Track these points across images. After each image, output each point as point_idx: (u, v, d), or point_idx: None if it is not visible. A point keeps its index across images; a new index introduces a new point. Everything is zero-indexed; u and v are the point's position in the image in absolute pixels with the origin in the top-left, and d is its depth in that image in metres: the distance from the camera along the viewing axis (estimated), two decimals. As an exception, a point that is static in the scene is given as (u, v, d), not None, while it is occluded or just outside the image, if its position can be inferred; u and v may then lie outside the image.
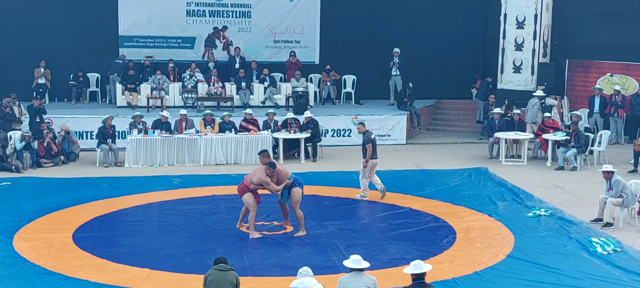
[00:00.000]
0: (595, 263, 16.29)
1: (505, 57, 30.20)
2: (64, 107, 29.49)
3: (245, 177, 17.97)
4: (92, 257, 16.49)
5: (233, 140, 25.63)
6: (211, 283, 12.34)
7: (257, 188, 17.83)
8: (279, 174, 17.89)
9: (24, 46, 30.27)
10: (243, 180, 17.96)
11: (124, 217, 19.47)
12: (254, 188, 17.78)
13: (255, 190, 17.85)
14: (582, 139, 25.02)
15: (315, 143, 26.37)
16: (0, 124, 25.92)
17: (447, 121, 32.49)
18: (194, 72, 30.06)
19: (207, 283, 12.37)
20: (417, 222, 19.13)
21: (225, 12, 32.04)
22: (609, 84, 29.46)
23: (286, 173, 18.05)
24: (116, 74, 30.00)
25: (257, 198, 17.89)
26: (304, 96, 29.35)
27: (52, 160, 25.04)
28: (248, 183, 17.76)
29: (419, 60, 32.27)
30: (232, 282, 12.43)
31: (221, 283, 12.34)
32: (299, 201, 18.04)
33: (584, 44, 30.55)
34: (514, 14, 29.77)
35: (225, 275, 12.43)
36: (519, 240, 17.70)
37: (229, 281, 12.40)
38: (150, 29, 31.63)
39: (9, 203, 20.48)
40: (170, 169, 24.63)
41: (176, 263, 16.19)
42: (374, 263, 15.07)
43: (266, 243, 17.49)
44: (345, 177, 23.63)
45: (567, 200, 21.38)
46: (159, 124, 25.66)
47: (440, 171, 24.65)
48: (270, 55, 32.57)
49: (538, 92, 28.02)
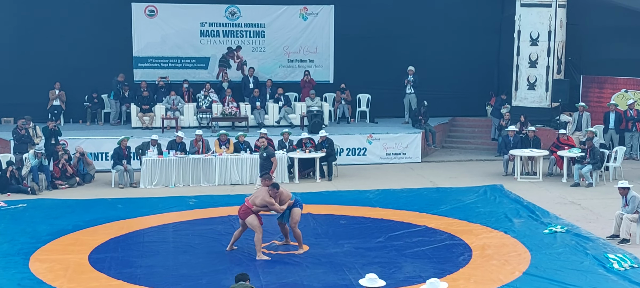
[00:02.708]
0: (612, 279, 16.22)
1: (519, 74, 30.15)
2: (79, 128, 29.57)
3: (247, 199, 17.98)
4: (108, 279, 16.50)
5: (248, 160, 25.62)
6: None
7: (259, 210, 17.85)
8: (281, 195, 17.98)
9: (38, 68, 30.36)
10: (244, 202, 17.96)
11: (140, 238, 19.50)
12: (256, 210, 17.80)
13: (257, 212, 17.86)
14: (598, 155, 24.95)
15: (331, 162, 26.36)
16: (16, 146, 26.03)
17: (462, 138, 32.43)
18: (208, 93, 30.13)
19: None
20: (432, 240, 19.08)
21: (239, 32, 32.11)
22: (624, 100, 29.37)
23: (288, 194, 18.22)
24: (108, 95, 30.38)
25: (259, 220, 17.90)
26: (319, 115, 29.37)
27: (68, 181, 25.10)
28: (250, 205, 17.76)
29: (434, 78, 32.23)
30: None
31: None
32: (298, 221, 18.18)
33: (598, 60, 30.48)
34: (527, 31, 29.73)
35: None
36: (536, 257, 17.64)
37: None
38: (164, 50, 31.72)
39: (25, 224, 20.54)
40: (186, 190, 24.66)
41: (192, 283, 16.19)
42: (390, 281, 15.06)
43: (281, 263, 17.48)
44: (361, 196, 23.61)
45: (583, 216, 21.30)
46: (174, 145, 25.70)
47: (456, 189, 24.60)
48: (285, 75, 32.59)
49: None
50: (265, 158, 20.90)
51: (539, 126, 28.58)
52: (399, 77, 31.38)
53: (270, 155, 21.01)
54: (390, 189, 24.57)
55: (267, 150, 20.97)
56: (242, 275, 12.64)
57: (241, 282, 12.49)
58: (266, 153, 20.84)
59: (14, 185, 24.15)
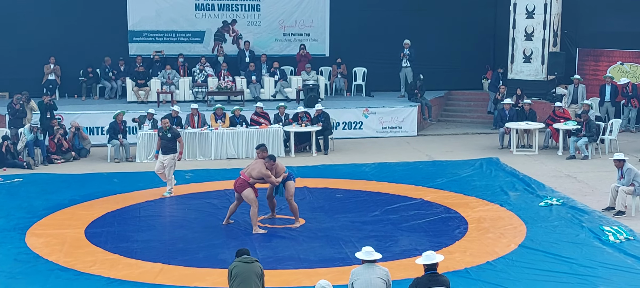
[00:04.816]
0: (608, 251, 16.27)
1: (515, 47, 30.09)
2: (74, 103, 29.51)
3: (242, 172, 17.93)
4: (104, 253, 16.53)
5: (244, 134, 25.63)
6: (237, 276, 12.19)
7: (255, 182, 17.84)
8: (277, 167, 17.98)
9: (33, 43, 30.27)
10: (239, 175, 17.94)
11: (136, 212, 19.50)
12: (253, 182, 17.78)
13: (253, 185, 17.85)
14: (593, 128, 24.96)
15: (327, 136, 26.35)
16: (11, 120, 25.99)
17: (457, 112, 32.43)
18: (203, 67, 30.07)
19: (233, 276, 12.22)
20: (428, 213, 19.12)
21: (234, 6, 32.02)
22: (620, 72, 29.38)
23: (283, 167, 18.23)
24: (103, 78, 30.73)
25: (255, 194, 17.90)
26: (315, 89, 29.32)
27: (63, 156, 25.08)
28: (247, 178, 17.73)
29: (430, 51, 32.20)
30: (258, 274, 12.33)
31: (248, 276, 12.20)
32: (293, 193, 18.19)
33: (594, 33, 30.48)
34: (523, 4, 29.64)
35: (251, 267, 12.31)
36: (531, 230, 17.69)
37: (255, 273, 12.29)
38: (159, 24, 31.63)
39: (21, 199, 20.55)
40: (182, 164, 24.61)
41: (189, 257, 16.22)
42: (386, 254, 15.11)
43: (278, 237, 17.51)
44: (357, 170, 23.63)
45: (578, 189, 21.34)
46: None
47: (452, 162, 24.62)
48: (280, 49, 32.53)
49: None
50: (169, 140, 20.63)
51: (534, 99, 28.55)
52: (394, 50, 31.31)
53: (175, 136, 20.77)
54: (386, 163, 24.58)
55: (171, 130, 20.72)
56: (244, 250, 12.58)
57: (245, 255, 12.43)
58: (171, 134, 20.61)
59: (10, 160, 24.14)
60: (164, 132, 20.75)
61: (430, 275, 11.91)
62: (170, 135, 20.75)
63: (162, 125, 21.01)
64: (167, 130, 20.75)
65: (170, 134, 20.78)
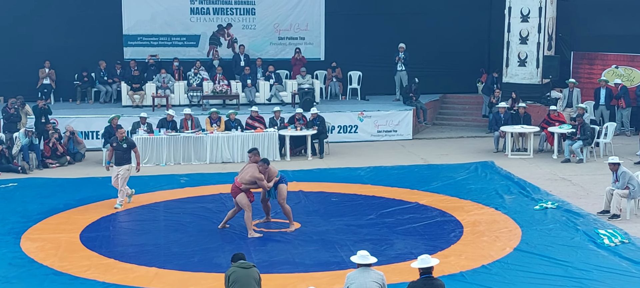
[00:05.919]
0: (603, 255, 16.27)
1: (510, 50, 30.12)
2: (69, 107, 29.50)
3: (235, 179, 17.95)
4: (99, 257, 16.51)
5: (239, 138, 25.63)
6: (236, 282, 12.09)
7: (249, 187, 17.82)
8: (270, 171, 17.98)
9: (28, 47, 30.29)
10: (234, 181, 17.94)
11: (131, 217, 19.51)
12: (245, 188, 17.76)
13: (247, 190, 17.82)
14: (588, 131, 24.99)
15: (322, 139, 26.35)
16: (5, 124, 25.97)
17: (453, 115, 32.45)
18: (198, 70, 30.07)
19: (231, 282, 12.11)
20: (424, 217, 19.12)
21: (229, 10, 32.03)
22: (614, 76, 29.41)
23: (275, 171, 18.22)
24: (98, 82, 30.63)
25: (250, 198, 17.87)
26: (310, 93, 29.34)
27: (58, 160, 25.06)
28: (239, 183, 17.73)
29: (425, 55, 32.24)
30: (256, 279, 12.26)
31: (247, 281, 12.11)
32: (286, 197, 18.19)
33: (588, 36, 30.51)
34: (518, 7, 29.68)
35: (250, 272, 12.24)
36: (526, 233, 17.69)
37: (253, 278, 12.22)
38: (154, 28, 31.62)
39: (15, 204, 20.53)
40: (177, 168, 24.64)
41: (184, 261, 16.21)
42: (382, 258, 15.09)
43: (273, 241, 17.50)
44: (352, 173, 23.64)
45: (573, 192, 21.35)
46: (165, 123, 25.66)
47: (447, 165, 24.63)
48: (275, 52, 32.53)
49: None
50: (124, 150, 20.50)
51: (529, 102, 28.57)
52: (390, 54, 31.35)
53: (131, 146, 20.65)
54: (382, 166, 24.59)
55: (126, 141, 20.59)
56: (239, 254, 12.55)
57: (241, 260, 12.39)
58: (127, 144, 20.50)
59: (4, 164, 24.12)
60: (119, 142, 20.51)
61: (425, 278, 11.91)
62: (125, 146, 20.53)
63: (118, 135, 20.79)
64: (122, 141, 20.53)
65: (126, 144, 20.57)
